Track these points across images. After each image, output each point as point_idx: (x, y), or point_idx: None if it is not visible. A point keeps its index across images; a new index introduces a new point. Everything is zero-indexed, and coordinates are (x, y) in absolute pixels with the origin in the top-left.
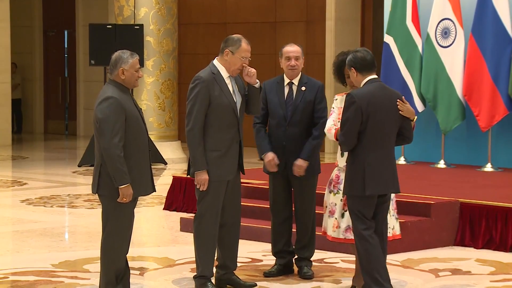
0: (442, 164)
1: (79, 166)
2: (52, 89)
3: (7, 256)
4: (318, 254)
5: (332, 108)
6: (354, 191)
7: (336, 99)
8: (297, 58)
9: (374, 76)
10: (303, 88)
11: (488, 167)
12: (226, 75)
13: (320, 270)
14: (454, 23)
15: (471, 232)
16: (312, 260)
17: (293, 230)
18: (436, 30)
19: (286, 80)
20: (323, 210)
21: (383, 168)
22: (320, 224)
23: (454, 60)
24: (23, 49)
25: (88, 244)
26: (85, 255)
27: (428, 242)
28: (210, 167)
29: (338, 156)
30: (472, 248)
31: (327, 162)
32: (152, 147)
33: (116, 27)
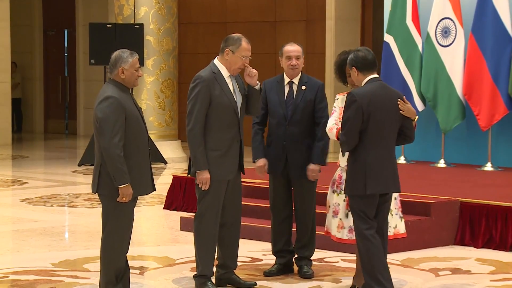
0: (442, 164)
1: (79, 165)
2: (52, 88)
3: (7, 255)
4: (318, 254)
5: (334, 108)
6: (355, 191)
7: (338, 99)
8: (298, 58)
9: (375, 76)
10: (304, 87)
11: (488, 167)
12: (226, 74)
13: (320, 270)
14: (454, 22)
15: (471, 232)
16: (312, 260)
17: (293, 229)
18: (436, 29)
19: (286, 79)
20: (326, 210)
21: (384, 167)
22: (320, 224)
23: (454, 59)
24: (23, 48)
25: (88, 244)
26: (85, 255)
27: (428, 242)
28: (210, 167)
29: (339, 156)
30: (472, 248)
31: (329, 161)
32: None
33: (116, 26)
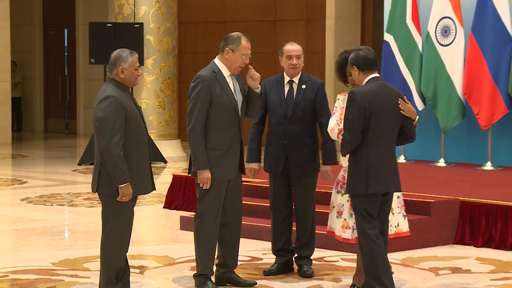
0: (442, 163)
1: (79, 164)
2: (52, 87)
3: (7, 254)
4: (318, 253)
5: (335, 108)
6: (357, 190)
7: (339, 99)
8: (298, 57)
9: (376, 75)
10: (304, 86)
11: (488, 166)
12: (227, 73)
13: (320, 269)
14: (454, 21)
15: (471, 231)
16: (312, 259)
17: (293, 228)
18: (436, 28)
19: (287, 79)
20: (329, 210)
21: (385, 166)
22: (320, 223)
23: (454, 58)
24: (23, 47)
25: (88, 243)
26: (85, 254)
27: (428, 241)
28: (211, 166)
29: (341, 156)
30: (472, 247)
31: None
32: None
33: (116, 25)
